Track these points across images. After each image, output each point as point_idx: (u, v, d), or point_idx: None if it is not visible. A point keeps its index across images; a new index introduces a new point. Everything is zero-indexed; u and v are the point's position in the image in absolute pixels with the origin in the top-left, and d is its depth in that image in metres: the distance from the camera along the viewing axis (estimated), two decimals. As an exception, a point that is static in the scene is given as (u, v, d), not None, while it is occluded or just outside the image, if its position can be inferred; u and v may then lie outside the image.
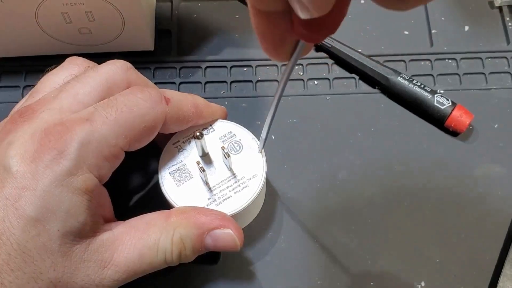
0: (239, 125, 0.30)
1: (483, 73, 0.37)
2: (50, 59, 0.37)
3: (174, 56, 0.38)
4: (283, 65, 0.38)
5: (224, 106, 0.31)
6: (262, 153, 0.29)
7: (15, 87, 0.37)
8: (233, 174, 0.29)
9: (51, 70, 0.29)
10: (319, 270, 0.31)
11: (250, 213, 0.31)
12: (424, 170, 0.34)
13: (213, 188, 0.28)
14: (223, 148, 0.28)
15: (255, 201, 0.29)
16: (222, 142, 0.29)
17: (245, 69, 0.38)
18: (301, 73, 0.37)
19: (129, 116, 0.25)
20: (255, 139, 0.30)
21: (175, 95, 0.28)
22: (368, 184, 0.34)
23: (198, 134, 0.27)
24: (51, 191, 0.23)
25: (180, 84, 0.37)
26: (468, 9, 0.40)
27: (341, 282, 0.31)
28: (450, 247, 0.32)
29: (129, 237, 0.25)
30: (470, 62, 0.38)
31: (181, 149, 0.29)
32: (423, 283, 0.31)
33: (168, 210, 0.27)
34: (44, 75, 0.29)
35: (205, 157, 0.29)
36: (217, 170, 0.29)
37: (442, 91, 0.36)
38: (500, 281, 0.30)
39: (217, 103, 0.31)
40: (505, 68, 0.37)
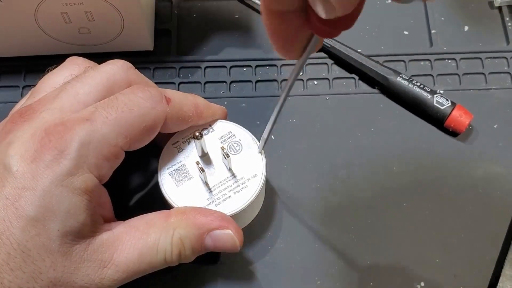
0: (239, 125, 0.30)
1: (483, 73, 0.37)
2: (50, 59, 0.37)
3: (174, 56, 0.38)
4: (283, 65, 0.38)
5: (224, 106, 0.31)
6: (262, 153, 0.29)
7: (15, 87, 0.37)
8: (233, 175, 0.29)
9: (52, 70, 0.29)
10: (319, 270, 0.31)
11: (250, 214, 0.31)
12: (424, 170, 0.34)
13: (213, 189, 0.28)
14: (223, 148, 0.28)
15: (255, 202, 0.29)
16: (222, 143, 0.29)
17: (245, 69, 0.38)
18: (301, 73, 0.37)
19: (130, 116, 0.25)
20: (255, 139, 0.30)
21: (176, 95, 0.28)
22: (368, 184, 0.34)
23: (198, 135, 0.27)
24: (51, 191, 0.23)
25: (180, 84, 0.37)
26: (468, 9, 0.40)
27: (341, 282, 0.31)
28: (450, 247, 0.32)
29: (129, 237, 0.25)
30: (470, 62, 0.38)
31: (181, 150, 0.29)
32: (423, 283, 0.31)
33: (168, 210, 0.27)
34: (45, 75, 0.29)
35: (205, 158, 0.29)
36: (217, 171, 0.29)
37: (442, 91, 0.36)
38: (500, 281, 0.30)
39: (217, 103, 0.31)
40: (505, 68, 0.37)
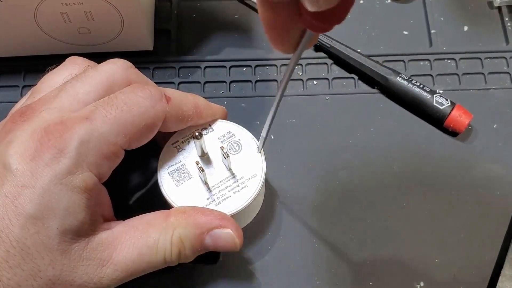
0: (238, 125, 0.30)
1: (482, 73, 0.37)
2: (49, 59, 0.37)
3: (173, 56, 0.38)
4: (283, 65, 0.38)
5: (224, 106, 0.31)
6: (262, 153, 0.29)
7: (14, 87, 0.37)
8: (232, 174, 0.29)
9: (52, 70, 0.29)
10: (318, 270, 0.31)
11: (250, 213, 0.31)
12: (423, 170, 0.34)
13: (212, 188, 0.28)
14: (222, 148, 0.28)
15: (255, 201, 0.29)
16: (221, 142, 0.29)
17: (244, 69, 0.38)
18: (300, 73, 0.37)
19: (129, 115, 0.25)
20: (254, 139, 0.30)
21: (176, 94, 0.28)
22: (368, 184, 0.34)
23: (197, 134, 0.27)
24: (50, 189, 0.23)
25: (179, 84, 0.37)
26: (467, 9, 0.40)
27: (340, 282, 0.31)
28: (449, 247, 0.32)
29: (129, 237, 0.25)
30: (469, 62, 0.38)
31: (180, 149, 0.29)
32: (422, 283, 0.31)
33: (168, 210, 0.27)
34: (45, 75, 0.29)
35: (204, 157, 0.29)
36: (216, 170, 0.29)
37: (441, 91, 0.36)
38: (499, 281, 0.30)
39: (217, 103, 0.31)
40: (504, 68, 0.37)
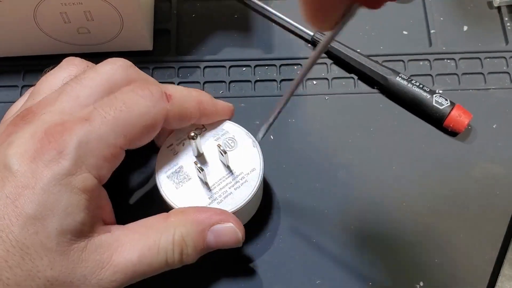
0: (231, 122, 0.30)
1: (482, 73, 0.37)
2: (49, 59, 0.37)
3: (173, 56, 0.38)
4: (282, 65, 0.38)
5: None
6: (258, 147, 0.29)
7: (14, 87, 0.37)
8: (231, 171, 0.29)
9: (49, 71, 0.29)
10: (318, 270, 0.31)
11: (252, 208, 0.31)
12: (423, 170, 0.34)
13: (213, 187, 0.28)
14: (219, 146, 0.28)
15: (255, 196, 0.29)
16: (216, 140, 0.29)
17: (244, 69, 0.38)
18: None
19: (128, 115, 0.25)
20: (249, 134, 0.30)
21: (178, 91, 0.28)
22: (367, 184, 0.34)
23: (193, 135, 0.27)
24: (50, 190, 0.23)
25: (179, 84, 0.37)
26: (467, 9, 0.40)
27: (340, 282, 0.31)
28: (449, 247, 0.32)
29: (129, 239, 0.25)
30: (469, 62, 0.38)
31: (176, 152, 0.29)
32: (422, 283, 0.31)
33: (167, 212, 0.27)
34: (42, 76, 0.29)
35: (201, 157, 0.29)
36: (215, 169, 0.29)
37: (441, 91, 0.36)
38: (499, 281, 0.30)
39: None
40: (504, 68, 0.37)
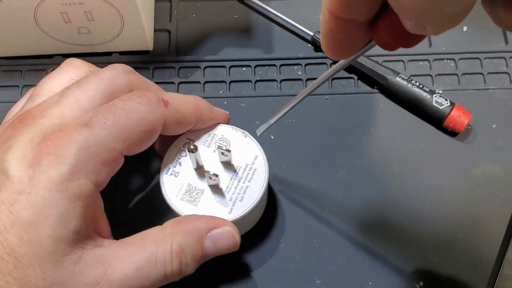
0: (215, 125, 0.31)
1: (482, 73, 0.37)
2: (49, 59, 0.38)
3: (173, 56, 0.38)
4: (282, 65, 0.38)
5: (223, 106, 0.31)
6: (249, 135, 0.30)
7: (14, 87, 0.37)
8: (237, 167, 0.29)
9: (50, 73, 0.29)
10: (318, 270, 0.31)
11: (266, 192, 0.31)
12: (423, 170, 0.34)
13: (228, 188, 0.28)
14: (220, 148, 0.28)
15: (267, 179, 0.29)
16: (208, 147, 0.30)
17: (244, 69, 0.38)
18: (300, 73, 0.37)
19: (127, 120, 0.25)
20: (235, 128, 0.30)
21: (175, 97, 0.28)
22: (367, 184, 0.34)
23: (193, 148, 0.27)
24: (45, 196, 0.22)
25: (179, 84, 0.37)
26: (467, 10, 0.40)
27: (340, 282, 0.31)
28: (448, 247, 0.32)
29: (125, 252, 0.24)
30: (469, 62, 0.38)
31: (177, 173, 0.29)
32: (422, 283, 0.31)
33: (162, 225, 0.26)
34: (43, 78, 0.29)
35: (201, 168, 0.29)
36: (221, 172, 0.29)
37: (441, 91, 0.36)
38: (498, 281, 0.30)
39: (216, 103, 0.31)
40: (503, 69, 0.37)
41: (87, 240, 0.24)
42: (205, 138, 0.30)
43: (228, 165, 0.29)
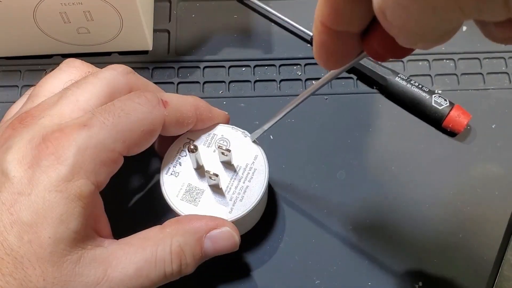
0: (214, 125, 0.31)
1: (481, 74, 0.37)
2: (48, 59, 0.38)
3: (173, 56, 0.38)
4: (282, 65, 0.38)
5: (223, 106, 0.31)
6: (249, 135, 0.30)
7: (13, 87, 0.37)
8: (238, 167, 0.29)
9: (49, 73, 0.29)
10: (318, 270, 0.31)
11: (267, 191, 0.31)
12: (422, 170, 0.34)
13: (228, 188, 0.28)
14: (220, 147, 0.28)
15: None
16: (208, 147, 0.30)
17: (244, 69, 0.38)
18: (300, 73, 0.37)
19: (127, 121, 0.25)
20: (235, 128, 0.30)
21: (174, 98, 0.28)
22: (366, 184, 0.34)
23: (193, 148, 0.27)
24: (45, 197, 0.22)
25: (179, 84, 0.37)
26: (466, 10, 0.40)
27: (339, 282, 0.31)
28: (448, 247, 0.32)
29: (124, 252, 0.24)
30: (468, 63, 0.38)
31: (177, 173, 0.29)
32: (421, 283, 0.31)
33: (161, 224, 0.26)
34: (42, 78, 0.29)
35: (201, 168, 0.29)
36: (221, 172, 0.29)
37: (440, 92, 0.36)
38: (498, 281, 0.30)
39: (216, 103, 0.31)
40: (503, 69, 0.37)
41: (87, 240, 0.24)
42: (205, 138, 0.30)
43: (228, 165, 0.29)
